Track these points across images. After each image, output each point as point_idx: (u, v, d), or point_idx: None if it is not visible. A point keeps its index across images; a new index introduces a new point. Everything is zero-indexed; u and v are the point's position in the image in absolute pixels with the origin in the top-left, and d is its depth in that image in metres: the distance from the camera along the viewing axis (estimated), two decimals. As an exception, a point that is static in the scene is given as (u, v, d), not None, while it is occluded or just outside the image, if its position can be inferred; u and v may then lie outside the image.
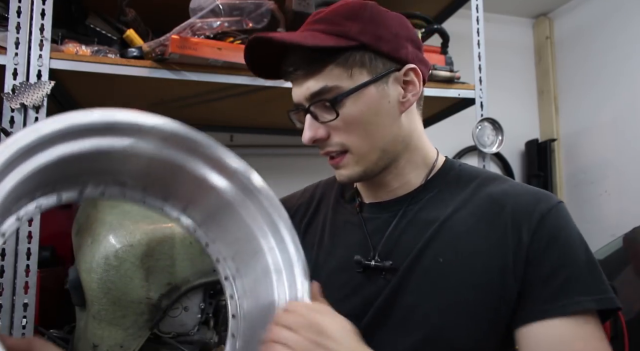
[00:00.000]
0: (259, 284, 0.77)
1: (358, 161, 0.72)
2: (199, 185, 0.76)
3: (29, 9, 1.16)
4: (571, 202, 2.50)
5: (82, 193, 0.73)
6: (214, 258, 0.80)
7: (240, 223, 0.78)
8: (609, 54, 2.31)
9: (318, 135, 0.72)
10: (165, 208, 0.80)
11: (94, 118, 0.67)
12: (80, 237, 1.11)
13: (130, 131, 0.70)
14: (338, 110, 0.69)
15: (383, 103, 0.71)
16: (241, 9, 1.29)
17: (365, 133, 0.71)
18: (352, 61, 0.69)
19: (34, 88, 1.14)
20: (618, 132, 2.26)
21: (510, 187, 0.73)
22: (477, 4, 1.61)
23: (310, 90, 0.71)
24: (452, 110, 1.76)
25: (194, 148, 0.75)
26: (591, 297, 0.64)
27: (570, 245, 0.67)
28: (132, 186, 0.77)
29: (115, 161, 0.71)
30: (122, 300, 1.01)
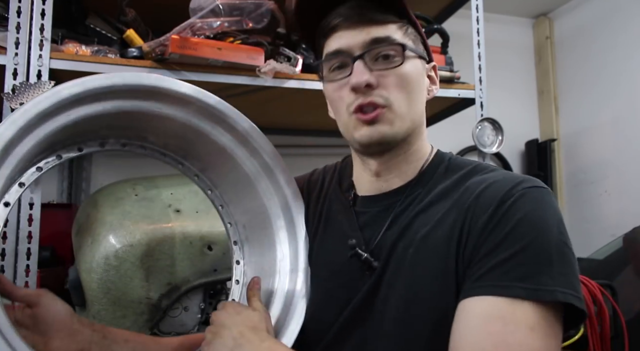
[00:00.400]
0: (264, 258, 0.80)
1: (393, 121, 0.71)
2: (220, 152, 0.79)
3: (29, 9, 1.16)
4: (571, 202, 2.50)
5: (104, 146, 0.77)
6: (226, 221, 0.84)
7: (255, 196, 0.81)
8: (609, 54, 2.31)
9: (372, 80, 0.69)
10: (185, 164, 0.83)
11: (115, 81, 0.70)
12: (80, 237, 1.11)
13: (154, 94, 0.73)
14: (403, 57, 0.71)
15: (423, 80, 0.77)
16: (241, 9, 1.29)
17: (409, 96, 0.72)
18: (409, 31, 0.74)
19: (34, 88, 1.14)
20: (618, 132, 2.26)
21: (491, 176, 0.70)
22: (477, 4, 1.61)
23: (372, 35, 0.70)
24: (452, 110, 1.76)
25: (219, 119, 0.79)
26: (526, 285, 0.58)
27: (522, 228, 0.62)
28: (152, 142, 0.81)
29: (137, 120, 0.74)
30: (122, 300, 1.01)
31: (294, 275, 0.78)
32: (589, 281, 1.43)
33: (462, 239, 0.65)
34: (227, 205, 0.84)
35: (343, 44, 0.72)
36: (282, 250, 0.80)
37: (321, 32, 0.75)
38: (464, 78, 1.60)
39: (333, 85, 0.75)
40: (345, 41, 0.71)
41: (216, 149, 0.79)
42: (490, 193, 0.66)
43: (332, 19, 0.72)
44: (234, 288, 0.82)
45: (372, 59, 0.71)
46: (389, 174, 0.78)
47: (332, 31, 0.73)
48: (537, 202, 0.64)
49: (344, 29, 0.72)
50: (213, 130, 0.79)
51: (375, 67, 0.70)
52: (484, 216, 0.64)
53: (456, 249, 0.65)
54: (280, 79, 1.36)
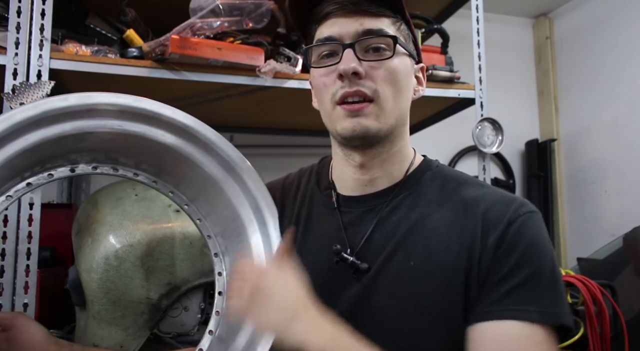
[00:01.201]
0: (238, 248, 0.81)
1: (379, 115, 0.70)
2: (188, 164, 0.79)
3: (29, 9, 1.16)
4: (571, 202, 2.50)
5: (75, 171, 0.77)
6: (205, 234, 0.84)
7: (226, 202, 0.81)
8: (609, 54, 2.31)
9: (359, 68, 0.69)
10: (159, 182, 0.83)
11: (70, 102, 0.70)
12: (80, 237, 1.11)
13: (111, 112, 0.73)
14: (393, 51, 0.70)
15: (411, 78, 0.76)
16: (241, 9, 1.29)
17: (397, 92, 0.72)
18: (402, 28, 0.74)
19: (34, 88, 1.14)
20: (618, 132, 2.26)
21: (486, 193, 0.73)
22: (477, 4, 1.61)
23: (366, 26, 0.70)
24: (452, 110, 1.76)
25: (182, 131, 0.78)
26: (539, 308, 0.63)
27: (530, 252, 0.66)
28: (124, 163, 0.81)
29: (101, 140, 0.74)
30: (122, 300, 1.01)
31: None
32: (589, 281, 1.43)
33: (473, 256, 0.67)
34: (205, 218, 0.84)
35: (335, 31, 0.71)
36: (258, 254, 0.79)
37: (314, 18, 0.74)
38: (464, 78, 1.60)
39: (320, 71, 0.73)
40: (338, 29, 0.71)
41: (185, 162, 0.79)
42: (496, 214, 0.69)
43: (327, 6, 0.71)
44: (217, 299, 0.81)
45: (362, 50, 0.70)
46: (372, 172, 0.77)
47: (325, 18, 0.72)
48: (539, 228, 0.69)
49: (338, 16, 0.71)
50: (178, 142, 0.79)
51: (365, 57, 0.70)
52: (494, 235, 0.67)
53: (466, 264, 0.67)
54: (280, 79, 1.36)
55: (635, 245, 1.70)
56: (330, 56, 0.72)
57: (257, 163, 1.88)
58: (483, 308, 0.65)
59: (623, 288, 1.52)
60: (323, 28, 0.73)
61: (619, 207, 2.24)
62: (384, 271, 0.71)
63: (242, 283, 0.64)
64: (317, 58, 0.74)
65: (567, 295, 1.46)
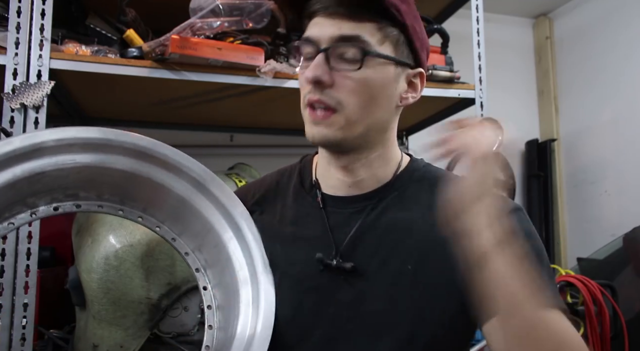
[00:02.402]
0: (224, 274, 0.79)
1: (342, 126, 0.69)
2: (150, 185, 0.77)
3: (29, 9, 1.16)
4: (571, 202, 2.50)
5: (35, 215, 0.75)
6: (183, 252, 0.82)
7: (198, 216, 0.80)
8: (609, 54, 2.31)
9: (325, 77, 0.67)
10: (125, 209, 0.81)
11: (15, 145, 0.68)
12: (80, 237, 1.11)
13: (59, 148, 0.71)
14: (360, 64, 0.67)
15: (391, 86, 0.71)
16: (241, 9, 1.29)
17: (365, 102, 0.69)
18: (389, 32, 0.69)
19: (34, 88, 1.14)
20: (618, 132, 2.26)
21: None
22: (477, 4, 1.61)
23: (342, 31, 0.67)
24: (452, 110, 1.76)
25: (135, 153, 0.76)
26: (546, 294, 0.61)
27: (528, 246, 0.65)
28: (85, 197, 0.79)
29: (56, 178, 0.72)
30: (122, 300, 1.01)
31: (254, 278, 0.76)
32: (589, 281, 1.44)
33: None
34: (179, 236, 0.82)
35: (314, 33, 0.69)
36: (238, 260, 0.78)
37: (305, 14, 0.72)
38: (464, 78, 1.60)
39: (300, 72, 0.72)
40: (317, 31, 0.69)
41: (147, 185, 0.77)
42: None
43: (313, 4, 0.69)
44: (207, 313, 0.79)
45: (337, 57, 0.68)
46: (356, 174, 0.76)
47: (311, 16, 0.70)
48: (524, 223, 0.70)
49: (321, 16, 0.69)
50: (134, 166, 0.76)
51: (337, 65, 0.67)
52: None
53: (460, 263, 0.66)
54: (280, 79, 1.36)
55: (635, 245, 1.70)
56: (309, 59, 0.70)
57: (257, 163, 1.89)
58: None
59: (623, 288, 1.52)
60: (309, 26, 0.71)
61: (619, 207, 2.24)
62: (379, 276, 0.71)
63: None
64: (300, 56, 0.73)
65: (567, 295, 1.46)
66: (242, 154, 2.02)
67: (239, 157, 1.92)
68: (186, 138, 1.96)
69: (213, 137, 2.01)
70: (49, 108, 1.16)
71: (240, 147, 2.07)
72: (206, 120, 1.91)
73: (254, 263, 0.77)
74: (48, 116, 1.15)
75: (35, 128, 1.14)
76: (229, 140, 2.06)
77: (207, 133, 1.99)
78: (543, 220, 2.47)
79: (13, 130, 1.12)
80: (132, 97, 1.53)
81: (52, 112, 1.22)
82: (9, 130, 1.12)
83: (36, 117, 1.14)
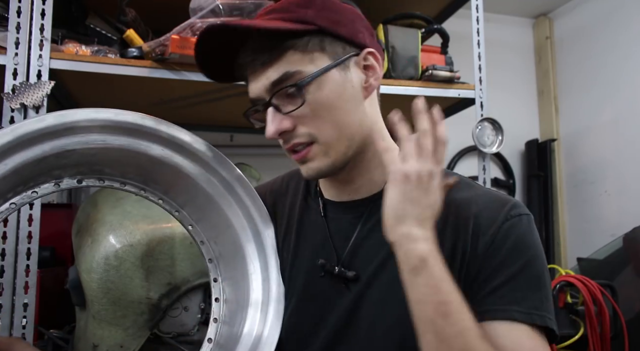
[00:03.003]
0: (237, 271, 0.79)
1: (326, 152, 0.69)
2: (175, 173, 0.79)
3: (29, 9, 1.16)
4: (571, 202, 2.50)
5: (59, 185, 0.76)
6: (199, 240, 0.83)
7: (219, 212, 0.81)
8: (609, 54, 2.31)
9: (284, 126, 0.68)
10: (147, 190, 0.82)
11: (48, 123, 0.69)
12: (80, 237, 1.11)
13: (92, 128, 0.72)
14: (303, 96, 0.66)
15: (347, 87, 0.69)
16: (241, 9, 1.29)
17: (332, 120, 0.68)
18: (311, 45, 0.67)
19: (34, 88, 1.14)
20: (618, 132, 2.26)
21: (478, 195, 0.71)
22: (477, 4, 1.61)
23: (271, 79, 0.67)
24: (452, 110, 1.76)
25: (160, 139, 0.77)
26: (521, 309, 0.62)
27: (514, 253, 0.65)
28: (109, 173, 0.80)
29: (84, 155, 0.73)
30: (122, 300, 1.01)
31: (266, 284, 0.77)
32: (589, 281, 1.44)
33: (463, 262, 0.67)
34: (196, 224, 0.83)
35: (253, 93, 0.70)
36: (253, 263, 0.79)
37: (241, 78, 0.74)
38: (464, 78, 1.60)
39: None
40: (253, 89, 0.70)
41: (172, 172, 0.78)
42: (487, 218, 0.68)
43: (242, 59, 0.70)
44: (214, 306, 0.80)
45: (282, 101, 0.68)
46: (355, 181, 0.76)
47: (244, 75, 0.72)
48: (527, 229, 0.68)
49: (250, 73, 0.70)
50: (164, 153, 0.77)
51: (286, 108, 0.68)
52: (483, 241, 0.67)
53: (458, 271, 0.67)
54: (280, 79, 1.36)
55: (635, 245, 1.70)
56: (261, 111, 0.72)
57: (257, 163, 1.89)
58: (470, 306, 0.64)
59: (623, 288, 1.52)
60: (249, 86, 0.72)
61: (619, 207, 2.24)
62: (376, 280, 0.70)
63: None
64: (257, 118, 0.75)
65: (567, 295, 1.46)
66: (242, 154, 2.02)
67: (239, 157, 1.92)
68: (186, 138, 1.95)
69: (213, 137, 2.00)
70: (49, 108, 1.16)
71: (240, 147, 2.07)
72: (206, 120, 1.91)
73: (269, 269, 0.78)
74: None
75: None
76: (229, 140, 2.06)
77: (207, 133, 1.99)
78: (543, 220, 2.47)
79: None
80: (132, 97, 1.53)
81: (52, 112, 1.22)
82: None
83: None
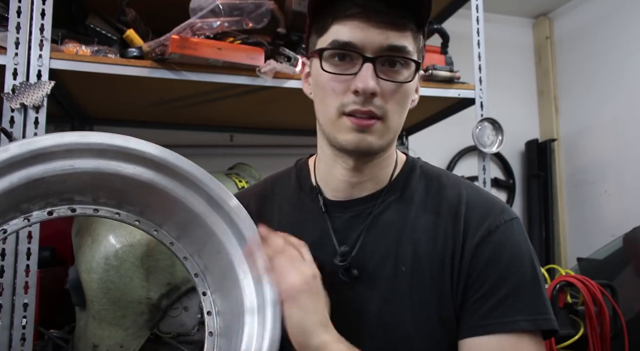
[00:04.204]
0: (225, 280, 0.78)
1: (384, 134, 0.69)
2: (150, 190, 0.76)
3: (29, 9, 1.16)
4: (571, 202, 2.50)
5: (29, 220, 0.73)
6: (181, 257, 0.81)
7: (199, 222, 0.78)
8: (609, 54, 2.31)
9: (377, 89, 0.65)
10: (121, 213, 0.79)
11: (12, 152, 0.66)
12: (80, 237, 1.11)
13: (58, 154, 0.69)
14: (408, 77, 0.68)
15: (413, 91, 0.73)
16: (241, 9, 1.29)
17: (402, 111, 0.70)
18: (419, 40, 0.70)
19: (34, 88, 1.14)
20: (618, 132, 2.26)
21: (468, 194, 0.73)
22: (477, 4, 1.61)
23: (391, 41, 0.65)
24: (452, 110, 1.76)
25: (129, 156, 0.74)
26: (527, 317, 0.64)
27: (513, 264, 0.67)
28: (80, 201, 0.77)
29: (54, 183, 0.71)
30: (122, 300, 1.01)
31: (259, 287, 0.75)
32: (589, 281, 1.43)
33: (454, 260, 0.69)
34: (177, 241, 0.81)
35: (358, 38, 0.65)
36: (242, 268, 0.76)
37: (333, 14, 0.67)
38: (464, 78, 1.60)
39: (331, 76, 0.68)
40: (361, 36, 0.65)
41: (146, 189, 0.75)
42: (475, 218, 0.70)
43: (350, 6, 0.65)
44: (207, 320, 0.78)
45: (380, 64, 0.66)
46: (362, 175, 0.75)
47: (347, 18, 0.66)
48: (520, 236, 0.70)
49: (362, 21, 0.65)
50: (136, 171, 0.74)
51: (382, 74, 0.66)
52: (472, 241, 0.69)
53: (451, 269, 0.69)
54: (280, 79, 1.36)
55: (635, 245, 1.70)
56: (343, 59, 0.68)
57: (257, 163, 1.89)
58: (472, 322, 0.66)
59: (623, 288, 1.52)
60: (342, 29, 0.66)
61: (619, 207, 2.24)
62: (376, 278, 0.71)
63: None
64: (329, 57, 0.68)
65: (567, 295, 1.46)
66: (242, 154, 2.02)
67: (239, 157, 1.92)
68: (186, 138, 1.96)
69: (213, 137, 2.01)
70: (49, 108, 1.16)
71: (240, 147, 2.07)
72: (206, 120, 1.91)
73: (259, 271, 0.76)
74: (48, 116, 1.15)
75: (35, 128, 1.14)
76: (229, 140, 2.06)
77: (207, 133, 1.99)
78: (543, 220, 2.47)
79: (13, 130, 1.12)
80: (132, 97, 1.53)
81: (52, 112, 1.22)
82: (9, 130, 1.12)
83: (36, 117, 1.14)
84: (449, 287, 0.68)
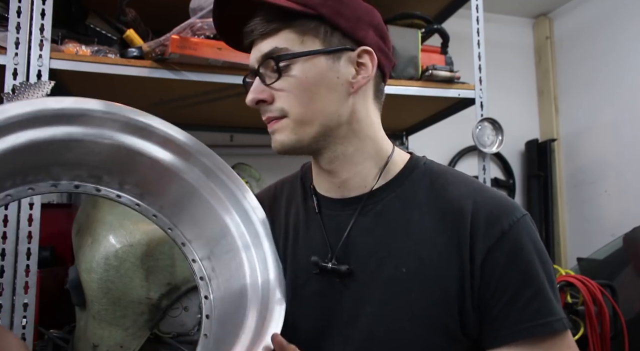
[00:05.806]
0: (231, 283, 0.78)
1: (294, 128, 0.71)
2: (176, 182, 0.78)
3: (29, 9, 1.16)
4: (571, 202, 2.51)
5: (57, 187, 0.74)
6: (190, 258, 0.81)
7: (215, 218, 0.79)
8: (609, 54, 2.31)
9: (260, 96, 0.71)
10: (142, 205, 0.80)
11: (65, 105, 0.68)
12: (80, 237, 1.12)
13: (105, 121, 0.71)
14: (283, 71, 0.70)
15: (331, 77, 0.71)
16: (241, 9, 1.29)
17: (307, 101, 0.70)
18: (306, 28, 0.70)
19: (34, 88, 1.14)
20: (618, 132, 2.26)
21: (475, 193, 0.71)
22: (477, 4, 1.61)
23: (262, 51, 0.71)
24: (452, 110, 1.76)
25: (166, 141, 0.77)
26: (554, 317, 0.64)
27: (531, 265, 0.66)
28: (106, 182, 0.78)
29: (89, 152, 0.72)
30: (122, 300, 1.01)
31: (266, 285, 0.75)
32: (589, 281, 1.44)
33: (464, 262, 0.67)
34: (190, 242, 0.82)
35: (250, 61, 0.74)
36: (250, 266, 0.77)
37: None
38: (464, 78, 1.60)
39: None
40: (250, 59, 0.74)
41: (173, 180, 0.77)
42: (485, 217, 0.68)
43: (245, 29, 0.73)
44: (204, 322, 0.78)
45: (267, 74, 0.72)
46: (340, 175, 0.75)
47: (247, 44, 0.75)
48: (534, 234, 0.68)
49: (251, 43, 0.74)
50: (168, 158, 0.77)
51: (269, 80, 0.71)
52: (483, 241, 0.66)
53: (458, 271, 0.67)
54: (280, 79, 1.36)
55: (635, 245, 1.70)
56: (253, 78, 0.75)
57: (257, 163, 1.88)
58: (506, 329, 0.64)
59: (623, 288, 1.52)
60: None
61: (619, 207, 2.24)
62: (374, 279, 0.70)
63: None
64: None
65: (567, 295, 1.46)
66: (242, 154, 2.02)
67: (239, 157, 1.93)
68: (186, 138, 1.95)
69: (213, 137, 2.01)
70: (49, 108, 1.16)
71: (240, 147, 2.07)
72: (206, 120, 1.91)
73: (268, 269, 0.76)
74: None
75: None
76: (229, 140, 2.06)
77: (207, 133, 1.99)
78: (543, 220, 2.47)
79: (13, 130, 1.12)
80: (132, 97, 1.53)
81: (52, 112, 1.22)
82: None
83: (36, 117, 1.14)
84: (455, 290, 0.66)
